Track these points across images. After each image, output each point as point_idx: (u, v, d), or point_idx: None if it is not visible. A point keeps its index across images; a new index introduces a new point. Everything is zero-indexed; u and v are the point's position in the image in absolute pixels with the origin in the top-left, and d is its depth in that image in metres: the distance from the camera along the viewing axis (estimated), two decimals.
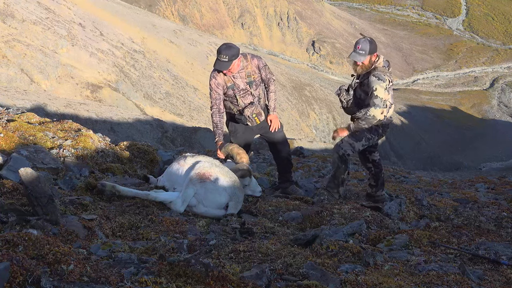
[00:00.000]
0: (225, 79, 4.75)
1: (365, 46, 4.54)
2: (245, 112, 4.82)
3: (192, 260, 2.15)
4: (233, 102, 4.87)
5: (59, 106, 15.12)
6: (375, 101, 4.49)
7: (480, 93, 55.20)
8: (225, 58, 4.52)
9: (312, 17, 59.68)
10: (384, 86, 4.51)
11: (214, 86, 4.75)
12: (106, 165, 4.51)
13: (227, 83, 4.75)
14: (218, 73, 4.72)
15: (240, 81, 4.77)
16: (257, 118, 4.87)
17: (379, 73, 4.54)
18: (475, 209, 4.67)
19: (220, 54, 4.53)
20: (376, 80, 4.50)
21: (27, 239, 2.04)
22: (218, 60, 4.57)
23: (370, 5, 76.14)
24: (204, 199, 3.68)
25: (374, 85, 4.50)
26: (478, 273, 2.74)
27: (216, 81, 4.73)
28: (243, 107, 4.84)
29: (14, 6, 21.64)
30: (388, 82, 4.56)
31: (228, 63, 4.56)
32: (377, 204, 4.62)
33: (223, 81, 4.75)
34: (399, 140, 37.03)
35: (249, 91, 4.83)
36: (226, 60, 4.53)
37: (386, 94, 4.57)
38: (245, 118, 4.83)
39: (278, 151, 5.23)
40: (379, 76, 4.51)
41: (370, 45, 4.55)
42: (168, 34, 32.69)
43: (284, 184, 5.33)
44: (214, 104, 4.77)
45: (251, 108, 4.83)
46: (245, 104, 4.85)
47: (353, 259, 2.80)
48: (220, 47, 4.59)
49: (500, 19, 70.65)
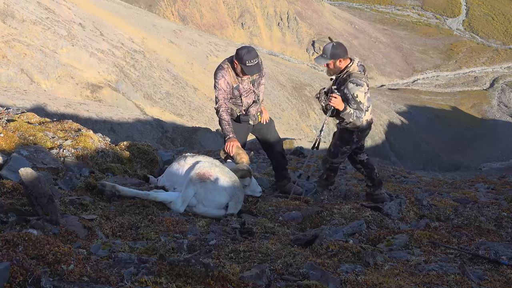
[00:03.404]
0: (232, 80, 4.68)
1: (327, 50, 4.63)
2: (250, 111, 4.81)
3: (192, 260, 2.15)
4: (237, 103, 4.82)
5: (59, 106, 15.12)
6: (361, 107, 4.61)
7: (480, 93, 55.19)
8: (256, 60, 4.52)
9: (312, 17, 59.67)
10: (363, 91, 4.59)
11: (224, 85, 4.64)
12: (106, 165, 4.51)
13: (233, 83, 4.69)
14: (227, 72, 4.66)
15: (245, 81, 4.76)
16: (259, 116, 4.91)
17: (356, 78, 4.59)
18: (475, 209, 4.66)
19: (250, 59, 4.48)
20: (354, 86, 4.56)
21: (27, 239, 2.04)
22: (248, 66, 4.50)
23: (370, 5, 76.12)
24: (204, 199, 3.68)
25: (354, 91, 4.57)
26: (478, 273, 2.73)
27: (225, 81, 4.64)
28: (247, 106, 4.83)
29: (14, 6, 21.64)
30: (366, 86, 4.63)
31: (259, 64, 4.58)
32: (377, 204, 4.63)
33: (231, 81, 4.69)
34: (399, 140, 37.03)
35: (252, 90, 4.82)
36: (257, 61, 4.55)
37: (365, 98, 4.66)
38: (250, 117, 4.83)
39: (271, 148, 5.21)
40: (357, 82, 4.57)
41: (334, 50, 4.62)
42: (168, 34, 32.69)
43: (281, 182, 5.32)
44: (223, 103, 4.64)
45: (256, 106, 4.85)
46: (249, 103, 4.83)
47: (353, 259, 2.80)
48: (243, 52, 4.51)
49: (500, 19, 70.63)
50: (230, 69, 4.68)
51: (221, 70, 4.67)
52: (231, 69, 4.67)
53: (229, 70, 4.67)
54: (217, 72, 4.68)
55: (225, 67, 4.69)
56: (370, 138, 35.01)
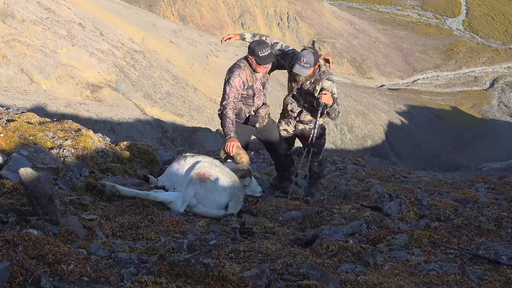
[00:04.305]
0: (248, 78, 4.60)
1: (309, 59, 4.64)
2: (260, 112, 4.79)
3: (192, 260, 2.15)
4: (248, 102, 4.74)
5: (59, 106, 15.13)
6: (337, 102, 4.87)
7: (480, 93, 55.21)
8: (268, 50, 4.46)
9: (312, 17, 59.70)
10: (335, 86, 4.89)
11: (238, 84, 4.53)
12: (106, 165, 4.51)
13: (249, 82, 4.61)
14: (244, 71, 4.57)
15: (259, 81, 4.73)
16: (266, 119, 4.91)
17: (330, 76, 4.84)
18: (475, 209, 4.66)
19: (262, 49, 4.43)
20: (332, 83, 4.82)
21: (27, 239, 2.04)
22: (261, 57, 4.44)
23: (370, 5, 76.14)
24: (204, 199, 3.68)
25: (332, 88, 4.80)
26: (478, 273, 2.73)
27: (241, 80, 4.54)
28: (257, 107, 4.80)
29: (14, 6, 21.65)
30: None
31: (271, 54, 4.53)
32: (376, 204, 4.63)
33: (246, 80, 4.59)
34: (399, 140, 37.04)
35: (262, 91, 4.81)
36: (270, 51, 4.48)
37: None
38: (259, 119, 4.79)
39: (275, 150, 5.21)
40: (332, 79, 4.86)
41: (315, 56, 4.67)
42: (168, 34, 32.70)
43: (283, 183, 5.31)
44: (232, 101, 4.51)
45: (266, 108, 4.84)
46: (259, 105, 4.81)
47: (353, 259, 2.80)
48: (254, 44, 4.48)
49: (500, 19, 70.65)
50: (247, 67, 4.60)
51: (238, 68, 4.57)
52: (248, 68, 4.60)
53: (245, 68, 4.59)
54: (234, 70, 4.57)
55: (242, 65, 4.60)
56: (370, 138, 35.07)
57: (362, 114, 36.89)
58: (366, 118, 36.52)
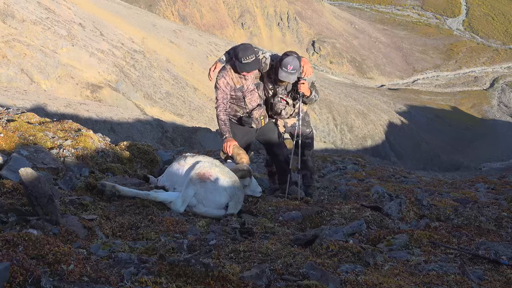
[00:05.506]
0: (235, 80, 4.65)
1: (295, 64, 4.68)
2: (254, 114, 4.79)
3: (192, 260, 2.15)
4: (240, 104, 4.78)
5: (59, 106, 15.13)
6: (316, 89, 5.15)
7: (480, 93, 55.20)
8: (252, 57, 4.47)
9: (312, 17, 59.70)
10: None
11: (223, 85, 4.63)
12: (106, 165, 4.51)
13: (236, 84, 4.66)
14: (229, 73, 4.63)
15: (250, 82, 4.73)
16: (263, 120, 4.89)
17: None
18: (475, 209, 4.66)
19: (245, 56, 4.44)
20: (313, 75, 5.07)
21: (27, 239, 2.04)
22: (243, 63, 4.46)
23: (370, 5, 76.15)
24: (204, 199, 3.68)
25: (313, 79, 5.04)
26: (478, 273, 2.73)
27: (225, 81, 4.62)
28: (251, 109, 4.80)
29: (14, 6, 21.65)
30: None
31: (257, 61, 4.55)
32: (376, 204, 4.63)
33: (233, 82, 4.65)
34: (399, 140, 37.04)
35: (256, 92, 4.81)
36: (254, 58, 4.49)
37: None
38: (253, 120, 4.80)
39: (275, 154, 5.21)
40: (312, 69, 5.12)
41: (298, 60, 4.74)
42: (168, 34, 32.71)
43: (283, 185, 5.31)
44: (221, 103, 4.64)
45: (260, 110, 4.83)
46: (253, 106, 4.81)
47: (353, 259, 2.80)
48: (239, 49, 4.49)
49: (500, 19, 70.65)
50: (232, 70, 4.65)
51: (223, 70, 4.67)
52: (232, 70, 4.65)
53: (230, 70, 4.65)
54: (219, 72, 4.69)
55: (227, 67, 4.68)
56: (370, 138, 35.08)
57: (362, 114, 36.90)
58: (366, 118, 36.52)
